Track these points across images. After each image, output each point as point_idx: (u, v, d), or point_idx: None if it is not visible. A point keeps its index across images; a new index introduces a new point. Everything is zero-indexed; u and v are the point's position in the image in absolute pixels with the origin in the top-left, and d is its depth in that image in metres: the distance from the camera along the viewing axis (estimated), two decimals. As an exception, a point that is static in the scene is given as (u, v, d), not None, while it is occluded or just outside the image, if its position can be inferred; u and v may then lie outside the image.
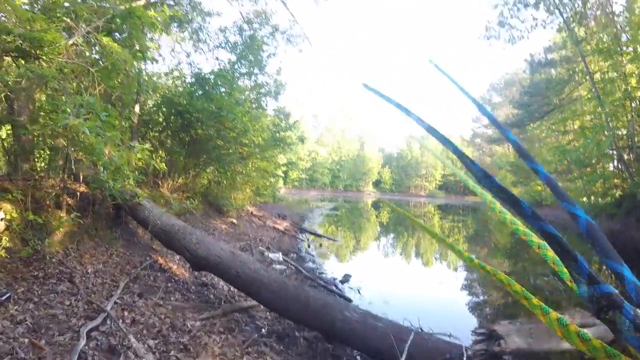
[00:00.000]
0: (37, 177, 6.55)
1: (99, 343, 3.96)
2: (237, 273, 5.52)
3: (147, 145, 6.26)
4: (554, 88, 27.26)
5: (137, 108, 12.15)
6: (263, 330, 5.37)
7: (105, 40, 5.16)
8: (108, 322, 4.39)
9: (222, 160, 13.89)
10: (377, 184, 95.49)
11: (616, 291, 0.92)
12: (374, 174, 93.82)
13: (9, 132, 6.94)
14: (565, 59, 28.50)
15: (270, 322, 5.75)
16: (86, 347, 3.79)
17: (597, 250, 0.94)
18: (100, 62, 6.23)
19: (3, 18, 4.32)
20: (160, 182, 12.77)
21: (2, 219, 5.14)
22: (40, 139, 6.77)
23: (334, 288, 8.61)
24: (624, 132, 21.02)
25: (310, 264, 11.19)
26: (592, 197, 23.83)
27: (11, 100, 6.30)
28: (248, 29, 18.52)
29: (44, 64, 4.28)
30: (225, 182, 14.64)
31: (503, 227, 27.12)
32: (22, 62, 4.14)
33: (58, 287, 4.92)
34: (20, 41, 4.21)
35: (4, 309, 4.10)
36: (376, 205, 51.00)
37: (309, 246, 14.24)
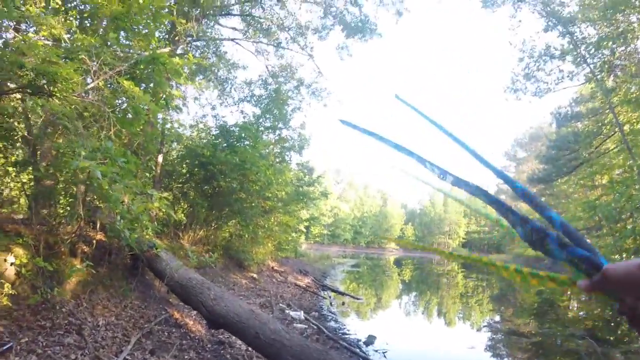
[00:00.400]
0: (54, 223, 6.37)
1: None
2: (256, 333, 5.15)
3: (166, 194, 6.04)
4: (583, 141, 26.47)
5: (160, 158, 12.12)
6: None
7: (127, 84, 5.05)
8: (115, 380, 4.03)
9: (244, 214, 13.66)
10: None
11: (542, 225, 1.01)
12: (396, 230, 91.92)
13: (30, 176, 6.82)
14: (592, 111, 27.87)
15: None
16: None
17: (531, 205, 1.06)
18: (124, 108, 6.17)
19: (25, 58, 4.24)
20: (180, 234, 12.56)
21: (12, 264, 4.91)
22: (61, 185, 6.66)
23: (358, 350, 8.07)
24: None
25: (332, 324, 10.66)
26: (624, 254, 22.80)
27: (33, 145, 6.21)
28: (273, 83, 18.67)
29: (57, 101, 4.14)
30: (247, 236, 14.35)
31: (529, 286, 26.11)
32: (36, 99, 4.00)
33: (65, 339, 4.60)
34: (34, 75, 4.12)
35: (3, 359, 3.80)
36: (398, 263, 50.00)
37: (331, 304, 13.69)
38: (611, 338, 10.96)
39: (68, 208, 6.92)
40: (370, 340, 9.11)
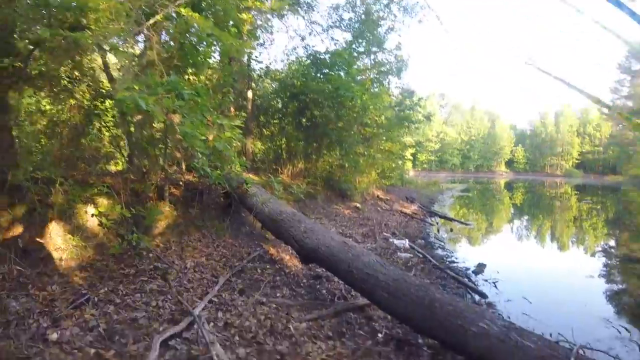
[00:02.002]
0: (144, 171, 6.29)
1: (177, 353, 3.38)
2: (349, 267, 4.70)
3: (238, 122, 5.66)
4: None
5: (249, 94, 11.88)
6: (379, 335, 4.48)
7: (185, 11, 4.60)
8: (195, 326, 3.80)
9: (343, 143, 13.22)
10: (509, 163, 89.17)
11: None
12: (506, 153, 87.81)
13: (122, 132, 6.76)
14: None
15: (390, 324, 4.82)
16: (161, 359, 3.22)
17: None
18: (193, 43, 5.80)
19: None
20: (280, 169, 12.45)
21: (92, 215, 4.83)
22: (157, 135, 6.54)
23: (466, 280, 7.49)
24: None
25: (439, 252, 10.11)
26: None
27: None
28: (361, 3, 17.48)
29: (88, 32, 3.80)
30: (347, 165, 13.92)
31: None
32: (71, 34, 3.68)
33: (148, 285, 4.47)
34: (65, 11, 3.80)
35: (79, 312, 3.69)
36: (509, 186, 48.26)
37: (438, 231, 13.09)
38: None
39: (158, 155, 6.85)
40: (479, 269, 8.47)
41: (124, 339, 3.42)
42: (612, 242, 14.26)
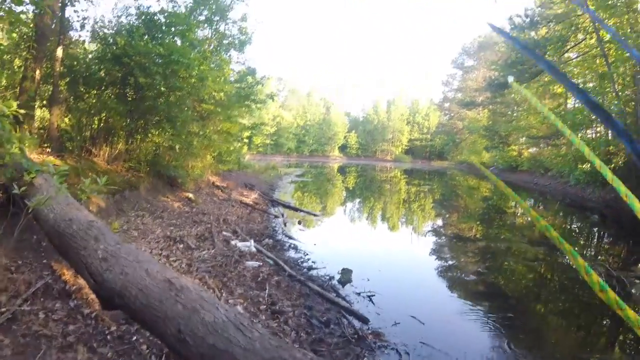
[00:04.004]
0: None
1: None
2: (179, 332, 2.56)
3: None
4: (555, 44, 24.49)
5: (59, 51, 9.20)
6: None
7: None
8: None
9: (174, 120, 11.00)
10: (343, 148, 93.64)
11: None
12: (340, 138, 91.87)
13: None
14: (556, 17, 25.85)
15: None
16: None
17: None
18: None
19: None
20: (93, 150, 9.91)
21: None
22: None
23: (333, 296, 6.02)
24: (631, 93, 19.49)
25: (292, 254, 8.58)
26: (586, 164, 22.44)
27: None
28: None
29: None
30: (179, 147, 11.73)
31: (473, 192, 28.17)
32: None
33: None
34: None
35: None
36: (342, 170, 50.66)
37: (285, 225, 11.63)
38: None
39: None
40: (346, 277, 7.02)
41: None
42: (440, 222, 15.65)
